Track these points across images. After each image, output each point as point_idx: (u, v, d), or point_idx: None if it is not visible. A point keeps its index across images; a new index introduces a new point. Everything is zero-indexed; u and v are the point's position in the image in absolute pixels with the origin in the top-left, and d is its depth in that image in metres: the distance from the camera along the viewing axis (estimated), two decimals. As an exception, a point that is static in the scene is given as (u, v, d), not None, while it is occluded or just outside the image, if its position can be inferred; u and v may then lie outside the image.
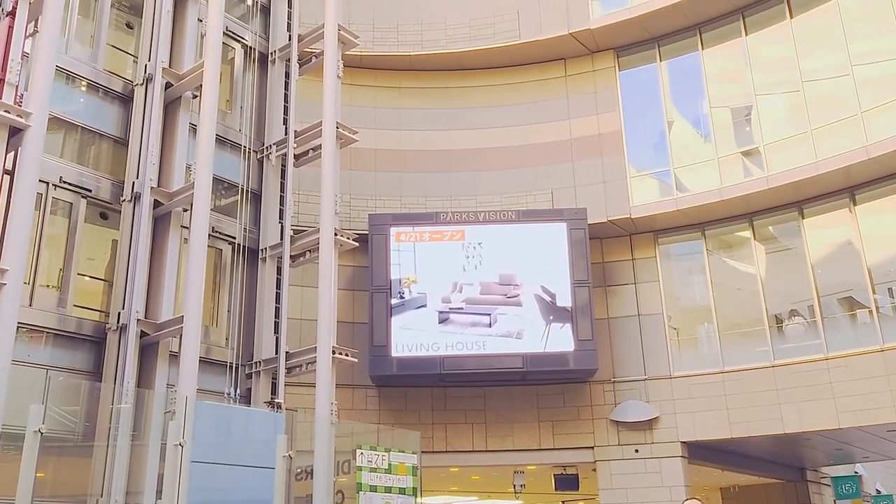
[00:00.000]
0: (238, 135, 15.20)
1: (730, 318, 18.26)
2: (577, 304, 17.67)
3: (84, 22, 13.66)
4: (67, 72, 12.96)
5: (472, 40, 19.96)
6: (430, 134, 20.00)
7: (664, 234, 18.96)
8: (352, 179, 18.68)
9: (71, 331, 12.26)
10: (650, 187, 18.94)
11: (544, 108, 19.94)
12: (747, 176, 17.84)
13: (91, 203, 13.08)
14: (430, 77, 20.30)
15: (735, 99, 18.96)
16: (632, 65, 19.74)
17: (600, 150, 19.24)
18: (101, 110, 13.57)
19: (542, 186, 19.41)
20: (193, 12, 14.43)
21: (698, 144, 19.07)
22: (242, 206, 14.84)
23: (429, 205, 19.26)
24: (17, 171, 10.44)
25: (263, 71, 16.07)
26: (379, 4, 20.36)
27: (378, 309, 17.65)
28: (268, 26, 16.26)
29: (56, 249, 12.52)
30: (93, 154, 13.44)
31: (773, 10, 18.21)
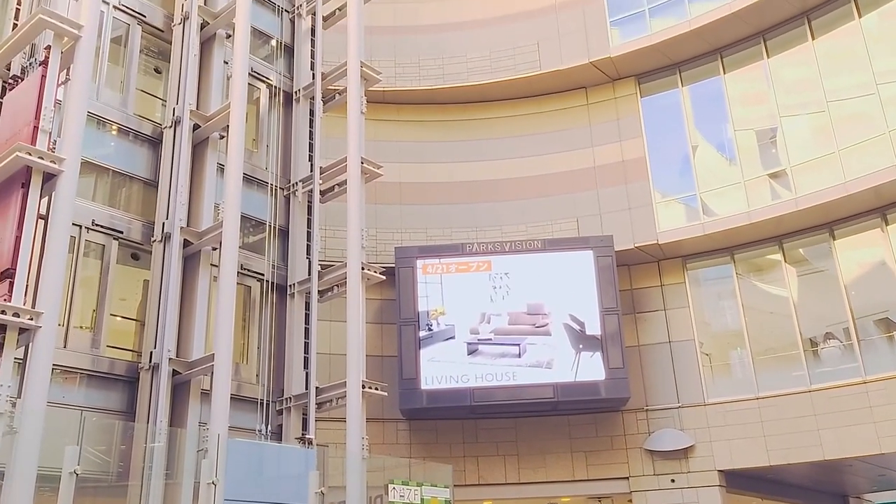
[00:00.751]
0: (265, 173, 15.39)
1: (763, 342, 17.98)
2: (607, 332, 17.52)
3: (114, 68, 14.00)
4: (98, 117, 13.27)
5: (492, 72, 20.14)
6: (454, 166, 20.12)
7: (692, 259, 18.80)
8: (377, 213, 18.81)
9: (104, 371, 12.40)
10: (676, 212, 18.83)
11: (567, 136, 19.99)
12: (775, 198, 17.67)
13: (123, 244, 13.29)
14: (452, 110, 20.48)
15: (759, 121, 18.86)
16: (653, 91, 19.76)
17: (625, 177, 19.21)
18: (131, 153, 13.84)
19: (567, 215, 19.39)
20: (219, 55, 14.75)
21: (724, 168, 18.95)
22: (270, 243, 14.99)
23: (454, 236, 19.32)
24: (50, 216, 10.66)
25: (288, 109, 16.30)
26: (400, 41, 20.65)
27: (406, 342, 17.64)
28: (292, 66, 16.53)
29: (89, 291, 12.72)
30: (124, 196, 13.69)
31: (795, 33, 18.18)
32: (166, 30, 14.76)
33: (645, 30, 19.19)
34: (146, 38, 14.60)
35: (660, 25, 19.03)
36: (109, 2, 13.76)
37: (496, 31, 20.60)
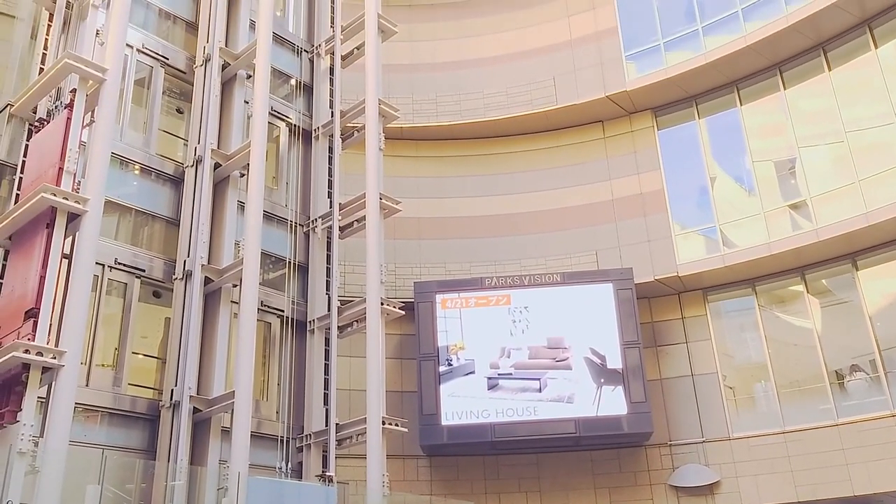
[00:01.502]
0: (284, 210, 15.53)
1: (787, 375, 17.72)
2: (628, 366, 17.36)
3: (137, 109, 14.27)
4: (122, 157, 13.49)
5: (509, 107, 20.31)
6: (472, 200, 20.20)
7: (713, 291, 18.65)
8: (396, 248, 18.88)
9: (126, 409, 12.44)
10: (696, 244, 18.74)
11: (585, 169, 20.04)
12: (796, 229, 17.54)
13: (145, 282, 13.42)
14: (469, 145, 20.62)
15: (778, 152, 18.80)
16: (670, 123, 19.80)
17: (643, 209, 19.18)
18: (153, 192, 14.04)
19: (585, 248, 19.35)
20: (240, 95, 14.99)
21: (743, 199, 18.87)
22: (290, 280, 15.07)
23: (473, 270, 19.32)
24: (74, 256, 10.82)
25: (308, 147, 16.49)
26: (417, 78, 20.89)
27: (426, 377, 17.58)
28: (311, 104, 16.75)
29: (111, 329, 12.82)
30: (146, 235, 13.85)
31: (811, 64, 18.19)
32: (188, 71, 15.05)
33: (660, 63, 19.30)
34: (169, 80, 14.88)
35: (675, 59, 19.14)
36: (133, 45, 14.06)
37: (512, 68, 20.81)
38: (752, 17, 18.35)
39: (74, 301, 10.48)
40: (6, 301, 11.03)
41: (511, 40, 21.18)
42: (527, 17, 21.31)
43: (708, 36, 18.91)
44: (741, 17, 18.47)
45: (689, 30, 19.29)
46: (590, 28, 20.52)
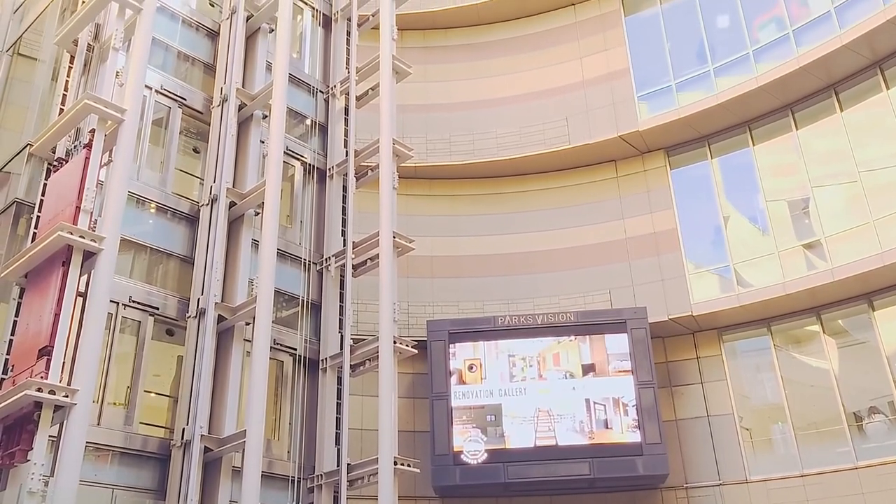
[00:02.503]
0: (298, 248, 15.61)
1: (805, 416, 17.45)
2: (643, 406, 17.17)
3: (154, 149, 14.47)
4: (138, 196, 13.64)
5: (522, 147, 20.43)
6: (485, 239, 20.23)
7: (728, 330, 18.49)
8: (409, 287, 18.88)
9: (136, 449, 12.40)
10: (710, 284, 18.63)
11: (598, 208, 20.06)
12: (811, 269, 17.43)
13: (158, 320, 13.47)
14: (483, 184, 20.72)
15: (791, 192, 18.77)
16: (683, 163, 19.84)
17: (657, 249, 19.13)
18: (168, 231, 14.16)
19: (599, 287, 19.28)
20: (256, 134, 15.19)
21: (757, 239, 18.80)
22: (303, 318, 15.08)
23: (486, 309, 19.27)
24: (89, 294, 10.89)
25: (322, 186, 16.62)
26: (431, 118, 21.10)
27: (439, 416, 17.44)
28: (326, 144, 16.93)
29: (124, 367, 12.84)
30: (160, 273, 13.94)
31: (823, 105, 18.23)
32: (205, 111, 15.27)
33: (672, 104, 19.41)
34: (186, 120, 15.10)
35: (687, 99, 19.24)
36: (152, 86, 14.30)
37: (526, 108, 20.99)
38: (762, 58, 18.48)
39: (88, 339, 10.52)
40: (21, 339, 11.09)
41: (524, 81, 21.39)
42: (540, 59, 21.54)
43: (719, 77, 19.03)
44: (752, 59, 18.61)
45: (701, 71, 19.43)
46: (602, 69, 20.70)
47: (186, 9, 15.63)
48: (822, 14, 17.81)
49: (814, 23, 17.92)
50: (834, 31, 17.32)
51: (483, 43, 22.10)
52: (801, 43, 17.91)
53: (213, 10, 16.54)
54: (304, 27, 17.37)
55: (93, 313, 10.68)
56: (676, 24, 20.37)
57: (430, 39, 22.24)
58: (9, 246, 12.92)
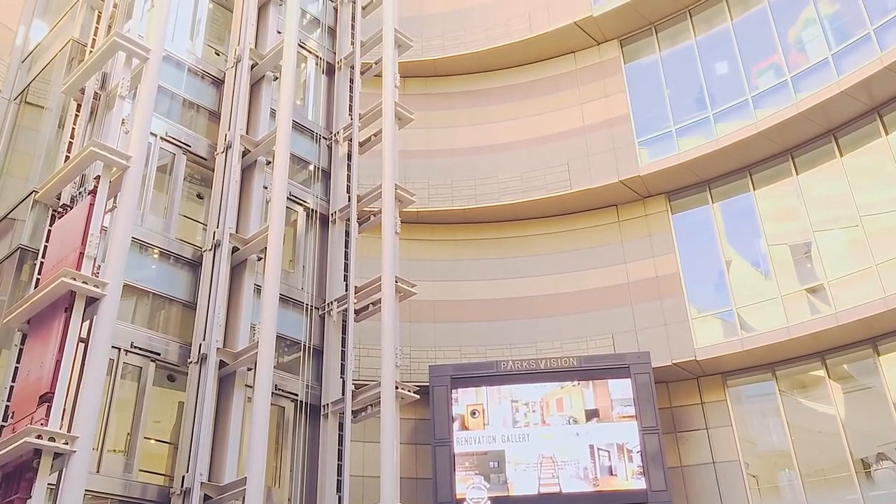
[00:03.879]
0: (300, 293, 15.60)
1: (812, 463, 17.22)
2: (648, 452, 16.96)
3: (158, 195, 14.56)
4: (141, 242, 13.69)
5: (524, 192, 20.56)
6: (488, 283, 20.23)
7: (733, 375, 18.37)
8: (411, 331, 18.83)
9: (136, 497, 12.24)
10: (714, 328, 18.56)
11: (599, 253, 20.10)
12: (814, 313, 17.36)
13: (160, 366, 13.40)
14: (485, 229, 20.81)
15: (792, 236, 18.80)
16: (684, 207, 19.92)
17: (659, 293, 19.11)
18: (171, 276, 14.18)
19: (601, 331, 19.22)
20: (259, 180, 15.30)
21: (759, 283, 18.78)
22: (305, 363, 15.00)
23: (489, 354, 19.19)
24: (91, 340, 10.86)
25: (325, 231, 16.67)
26: (433, 163, 21.28)
27: (441, 463, 17.24)
28: (328, 189, 17.04)
29: (125, 413, 12.74)
30: (162, 318, 13.92)
31: (822, 150, 18.37)
32: (209, 158, 15.41)
33: (673, 149, 19.57)
34: (190, 167, 15.23)
35: (687, 145, 19.41)
36: (157, 133, 14.46)
37: (527, 153, 21.18)
38: (761, 104, 18.68)
39: (89, 386, 10.48)
40: (22, 385, 11.04)
41: (525, 127, 21.62)
42: (540, 105, 21.80)
43: (719, 122, 19.21)
44: (751, 105, 18.81)
45: (701, 116, 19.63)
46: (602, 115, 20.93)
47: (192, 57, 15.89)
48: (819, 61, 18.05)
49: (812, 69, 18.16)
50: (832, 77, 17.53)
51: (484, 90, 22.41)
52: (799, 89, 18.12)
53: (218, 59, 16.80)
54: (307, 75, 17.63)
55: (94, 360, 10.65)
56: (675, 71, 20.65)
57: (431, 86, 22.55)
58: (12, 292, 12.95)
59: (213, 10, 16.91)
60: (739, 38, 19.73)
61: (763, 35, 19.37)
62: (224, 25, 17.10)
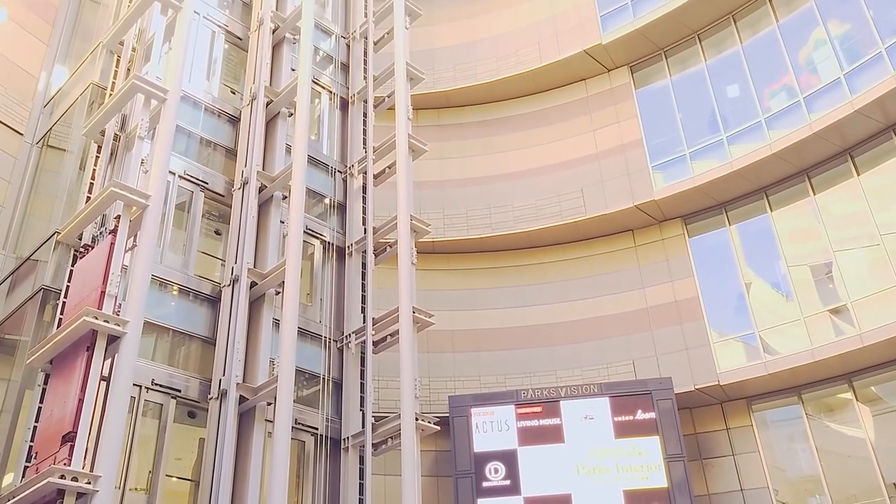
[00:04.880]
0: (318, 326, 15.63)
1: (843, 488, 16.89)
2: (674, 481, 16.73)
3: (177, 232, 14.72)
4: (161, 279, 13.81)
5: (539, 219, 20.59)
6: (505, 312, 20.19)
7: (757, 400, 18.13)
8: (430, 362, 18.79)
9: (157, 535, 12.21)
10: (736, 352, 18.37)
11: (617, 278, 20.03)
12: (838, 335, 17.14)
13: (180, 403, 13.43)
14: (501, 257, 20.82)
15: (813, 257, 18.65)
16: (701, 231, 19.85)
17: (679, 317, 18.98)
18: (190, 312, 14.27)
19: (622, 357, 19.09)
20: (276, 215, 15.43)
21: (781, 305, 18.60)
22: (324, 397, 14.98)
23: (508, 383, 19.09)
24: (112, 378, 10.93)
25: (341, 263, 16.74)
26: (448, 193, 21.39)
27: (463, 496, 17.09)
28: (344, 222, 17.13)
29: (146, 451, 12.76)
30: (182, 354, 13.99)
31: (839, 170, 18.28)
32: (227, 194, 15.58)
33: (687, 172, 19.56)
34: (208, 203, 15.40)
35: (702, 168, 19.40)
36: (175, 172, 14.66)
37: (541, 181, 21.25)
38: (775, 125, 18.67)
39: (111, 424, 10.52)
40: (45, 425, 11.11)
41: (538, 155, 21.72)
42: (553, 133, 21.92)
43: (733, 145, 19.21)
44: (764, 126, 18.80)
45: (714, 139, 19.64)
46: (615, 140, 21.00)
47: (209, 97, 16.14)
48: (832, 81, 18.04)
49: (824, 90, 18.15)
50: (845, 97, 17.50)
51: (496, 119, 22.58)
52: (812, 109, 18.10)
53: (234, 98, 17.07)
54: (322, 110, 17.84)
55: (116, 398, 10.70)
56: (687, 95, 20.72)
57: (444, 117, 22.76)
58: (35, 332, 13.08)
59: (228, 51, 17.21)
60: (750, 61, 19.80)
61: (773, 57, 19.42)
62: (239, 65, 17.39)
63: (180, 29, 14.40)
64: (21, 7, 18.18)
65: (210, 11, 16.87)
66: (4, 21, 17.81)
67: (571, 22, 22.21)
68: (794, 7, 19.38)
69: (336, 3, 19.23)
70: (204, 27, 16.59)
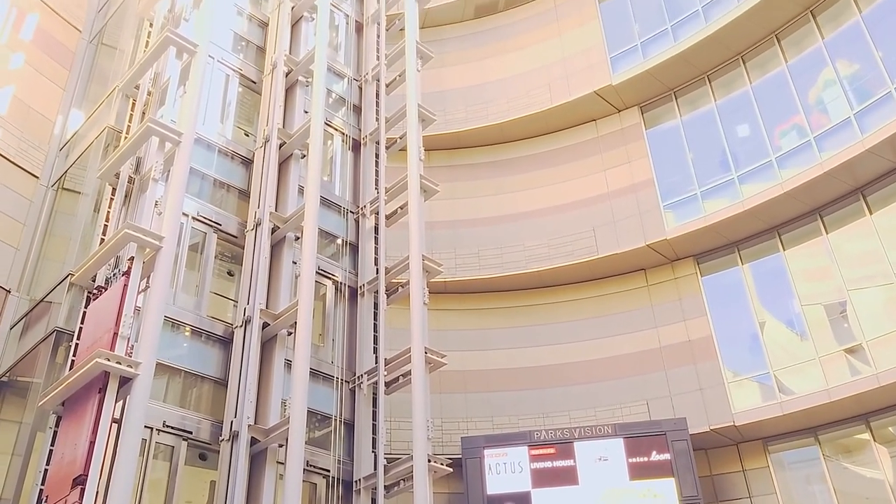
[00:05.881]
0: (330, 367, 15.58)
1: (863, 531, 16.55)
2: (690, 524, 16.42)
3: (190, 273, 14.79)
4: (173, 320, 13.84)
5: (551, 259, 20.59)
6: (518, 352, 20.09)
7: (774, 441, 17.87)
8: (442, 403, 18.66)
9: (168, 580, 12.06)
10: (751, 392, 18.16)
11: (630, 318, 19.92)
12: (854, 374, 16.94)
13: (192, 445, 13.36)
14: (513, 297, 20.77)
15: (826, 296, 18.49)
16: (713, 270, 19.77)
17: (693, 357, 18.82)
18: (202, 354, 14.26)
19: (636, 397, 18.90)
20: (288, 256, 15.50)
21: (795, 344, 18.42)
22: (336, 438, 14.87)
23: (521, 423, 18.92)
24: (124, 420, 10.90)
25: (353, 304, 16.73)
26: (459, 233, 21.45)
27: (476, 539, 16.82)
28: (356, 262, 17.16)
29: (157, 494, 12.65)
30: (194, 396, 13.95)
31: (851, 208, 18.21)
32: (240, 235, 15.68)
33: (699, 211, 19.54)
34: (221, 244, 15.49)
35: (713, 207, 19.38)
36: (189, 213, 14.79)
37: (552, 220, 21.29)
38: (786, 164, 18.68)
39: (122, 467, 10.47)
40: (56, 468, 11.07)
41: (550, 194, 21.79)
42: (564, 173, 22.01)
43: (744, 184, 19.21)
44: (775, 165, 18.81)
45: (725, 179, 19.65)
46: (626, 180, 21.06)
47: (222, 139, 16.34)
48: (842, 121, 18.07)
49: (835, 129, 18.18)
50: (855, 136, 17.52)
51: (507, 160, 22.72)
52: (823, 148, 18.12)
53: (247, 140, 17.27)
54: (334, 151, 18.01)
55: (127, 440, 10.66)
56: (697, 135, 20.81)
57: (455, 158, 22.91)
58: (47, 374, 13.11)
59: (242, 94, 17.47)
60: (759, 101, 19.90)
61: (783, 97, 19.51)
62: (253, 107, 17.63)
63: (195, 73, 14.64)
64: (38, 52, 18.57)
65: (224, 55, 17.18)
66: (22, 66, 18.18)
67: (581, 64, 22.45)
68: (803, 48, 19.53)
69: (348, 46, 19.52)
70: (218, 71, 16.87)
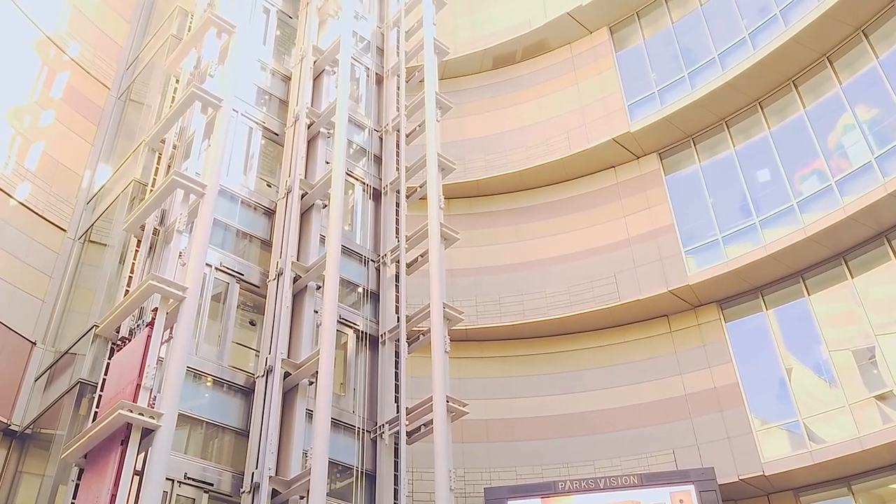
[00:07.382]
0: (352, 416, 15.48)
1: (901, 586, 15.97)
2: (721, 579, 15.94)
3: (212, 323, 14.87)
4: (196, 370, 13.87)
5: (572, 305, 20.48)
6: (541, 400, 19.87)
7: (805, 491, 17.41)
8: (465, 452, 18.44)
9: None
10: (780, 440, 17.77)
11: (653, 365, 19.68)
12: (886, 422, 16.54)
13: (213, 497, 13.26)
14: (535, 344, 20.63)
15: (854, 341, 18.17)
16: (737, 315, 19.55)
17: (719, 405, 18.50)
18: (224, 404, 14.25)
19: (662, 446, 18.56)
20: (310, 305, 15.55)
21: (824, 391, 18.06)
22: (357, 489, 14.70)
23: (545, 473, 18.61)
24: (146, 472, 10.87)
25: (374, 352, 16.69)
26: (480, 280, 21.44)
27: None
28: (377, 311, 17.17)
29: (177, 550, 12.55)
30: (216, 447, 13.90)
31: (876, 252, 17.99)
32: (261, 285, 15.79)
33: (721, 257, 19.41)
34: (243, 294, 15.59)
35: (735, 252, 19.25)
36: (212, 264, 14.94)
37: (573, 267, 21.25)
38: (808, 209, 18.56)
39: (143, 521, 10.41)
40: (77, 521, 11.03)
41: (570, 241, 21.78)
42: (584, 220, 22.03)
43: (766, 228, 19.09)
44: (797, 210, 18.70)
45: (747, 223, 19.54)
46: (647, 226, 21.02)
47: (245, 190, 16.58)
48: (863, 165, 17.99)
49: (856, 173, 18.09)
50: (877, 180, 17.41)
51: (527, 207, 22.80)
52: (845, 192, 18.01)
53: (269, 190, 17.51)
54: (355, 201, 18.19)
55: (149, 493, 10.62)
56: (717, 180, 20.80)
57: (475, 206, 23.04)
58: (70, 427, 13.14)
59: (265, 146, 17.77)
60: (779, 146, 19.90)
61: (802, 142, 19.50)
62: (275, 159, 17.91)
63: (219, 127, 14.94)
64: (68, 109, 19.07)
65: (248, 109, 17.54)
66: (52, 122, 18.66)
67: (599, 112, 22.64)
68: (821, 93, 19.56)
69: (369, 98, 19.86)
70: (242, 124, 17.21)
